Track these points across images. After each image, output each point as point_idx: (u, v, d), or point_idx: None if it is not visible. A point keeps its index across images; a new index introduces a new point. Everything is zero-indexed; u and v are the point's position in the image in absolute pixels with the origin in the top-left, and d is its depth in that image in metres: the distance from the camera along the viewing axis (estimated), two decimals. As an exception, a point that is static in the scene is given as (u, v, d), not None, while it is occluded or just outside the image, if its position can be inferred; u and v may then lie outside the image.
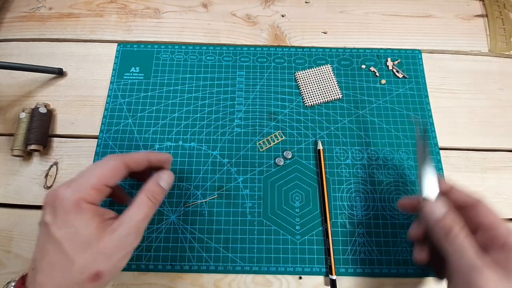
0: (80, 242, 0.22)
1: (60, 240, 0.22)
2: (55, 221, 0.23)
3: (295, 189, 0.35)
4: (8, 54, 0.41)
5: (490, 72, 0.41)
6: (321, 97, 0.39)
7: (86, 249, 0.22)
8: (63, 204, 0.23)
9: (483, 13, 0.45)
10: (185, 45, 0.42)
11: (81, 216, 0.23)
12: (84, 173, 0.25)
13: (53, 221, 0.23)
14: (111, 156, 0.27)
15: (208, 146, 0.37)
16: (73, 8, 0.44)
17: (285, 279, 0.33)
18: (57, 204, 0.23)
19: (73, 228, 0.23)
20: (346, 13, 0.45)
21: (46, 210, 0.24)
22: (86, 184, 0.24)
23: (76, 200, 0.23)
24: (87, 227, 0.23)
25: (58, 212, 0.23)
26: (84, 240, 0.22)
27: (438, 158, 0.37)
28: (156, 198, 0.27)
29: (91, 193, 0.24)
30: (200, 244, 0.33)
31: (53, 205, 0.23)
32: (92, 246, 0.23)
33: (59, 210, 0.23)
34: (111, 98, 0.39)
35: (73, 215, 0.23)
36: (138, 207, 0.25)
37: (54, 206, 0.23)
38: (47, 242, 0.23)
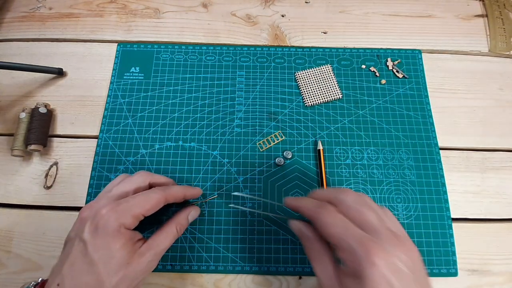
0: (113, 265, 0.23)
1: (97, 262, 0.23)
2: (94, 241, 0.23)
3: (295, 189, 0.35)
4: (8, 54, 0.41)
5: (490, 72, 0.41)
6: (321, 97, 0.39)
7: (118, 272, 0.23)
8: (107, 227, 0.24)
9: (483, 13, 0.45)
10: (185, 45, 0.42)
11: (119, 241, 0.24)
12: (130, 200, 0.26)
13: (92, 241, 0.23)
14: (155, 189, 0.27)
15: (208, 146, 0.37)
16: (73, 8, 0.44)
17: (285, 279, 0.33)
18: (100, 225, 0.24)
19: (109, 251, 0.23)
20: (346, 13, 0.45)
21: (85, 226, 0.24)
22: (130, 212, 0.25)
23: (118, 226, 0.24)
24: (122, 251, 0.24)
25: (99, 233, 0.23)
26: (117, 263, 0.23)
27: (438, 158, 0.37)
28: (182, 230, 0.29)
29: (130, 221, 0.25)
30: (200, 244, 0.33)
31: (96, 225, 0.24)
32: (122, 269, 0.23)
33: (101, 232, 0.23)
34: (111, 98, 0.39)
35: (112, 239, 0.24)
36: (166, 236, 0.27)
37: (96, 226, 0.24)
38: (82, 260, 0.23)
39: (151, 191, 0.27)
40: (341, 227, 0.21)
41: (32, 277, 0.32)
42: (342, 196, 0.23)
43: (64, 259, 0.23)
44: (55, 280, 0.23)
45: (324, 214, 0.22)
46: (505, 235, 0.34)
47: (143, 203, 0.26)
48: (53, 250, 0.33)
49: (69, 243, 0.24)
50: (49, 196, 0.35)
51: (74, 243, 0.24)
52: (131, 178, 0.28)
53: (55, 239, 0.34)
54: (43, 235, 0.34)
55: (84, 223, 0.24)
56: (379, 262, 0.19)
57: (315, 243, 0.24)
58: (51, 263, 0.33)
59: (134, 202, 0.25)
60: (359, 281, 0.19)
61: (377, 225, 0.21)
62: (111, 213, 0.24)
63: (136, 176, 0.28)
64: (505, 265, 0.33)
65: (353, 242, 0.20)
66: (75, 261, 0.23)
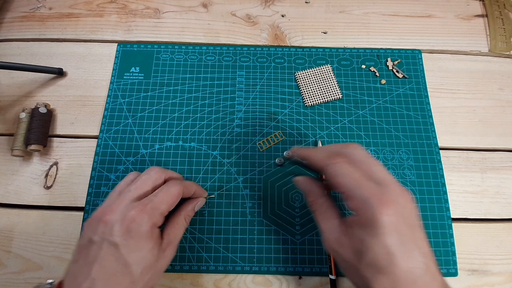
0: (146, 265, 0.24)
1: (131, 264, 0.23)
2: (127, 243, 0.23)
3: (295, 189, 0.35)
4: (8, 54, 0.41)
5: (490, 72, 0.41)
6: (321, 97, 0.39)
7: (149, 270, 0.24)
8: (140, 229, 0.24)
9: (483, 13, 0.45)
10: (185, 45, 0.42)
11: (151, 241, 0.24)
12: (154, 198, 0.26)
13: (125, 243, 0.23)
14: (173, 183, 0.28)
15: (208, 146, 0.37)
16: (73, 8, 0.44)
17: (285, 279, 0.33)
18: (133, 228, 0.24)
19: (143, 252, 0.24)
20: (346, 13, 0.45)
21: (112, 229, 0.24)
22: (158, 211, 0.25)
23: (151, 227, 0.24)
24: (153, 250, 0.24)
25: (133, 235, 0.23)
26: (149, 262, 0.24)
27: (438, 158, 0.37)
28: (189, 220, 0.30)
29: (160, 219, 0.26)
30: (200, 244, 0.33)
31: (127, 227, 0.23)
32: (153, 267, 0.24)
33: (135, 234, 0.24)
34: (111, 98, 0.39)
35: (145, 240, 0.24)
36: (179, 228, 0.28)
37: (128, 229, 0.23)
38: (114, 263, 0.23)
39: (170, 186, 0.27)
40: (353, 178, 0.22)
41: (32, 277, 0.32)
42: (351, 149, 0.24)
43: (91, 262, 0.23)
44: (82, 284, 0.22)
45: (336, 165, 0.23)
46: (505, 235, 0.34)
47: (167, 199, 0.26)
48: (53, 250, 0.33)
49: (93, 247, 0.23)
50: (49, 196, 0.35)
51: (103, 246, 0.23)
52: (148, 176, 0.28)
53: (55, 239, 0.34)
54: (43, 235, 0.34)
55: (111, 226, 0.24)
56: (389, 211, 0.20)
57: (321, 197, 0.26)
58: (51, 263, 0.33)
59: (159, 200, 0.26)
60: (369, 229, 0.20)
61: (384, 177, 0.22)
62: (143, 215, 0.24)
63: (152, 173, 0.28)
64: (505, 265, 0.33)
65: (366, 192, 0.21)
66: (106, 264, 0.23)
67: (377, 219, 0.20)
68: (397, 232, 0.20)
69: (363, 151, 0.24)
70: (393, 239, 0.20)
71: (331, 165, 0.23)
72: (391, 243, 0.20)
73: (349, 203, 0.22)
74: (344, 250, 0.22)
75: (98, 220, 0.24)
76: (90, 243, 0.24)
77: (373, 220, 0.20)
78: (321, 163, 0.25)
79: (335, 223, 0.24)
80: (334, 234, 0.23)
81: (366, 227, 0.21)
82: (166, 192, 0.26)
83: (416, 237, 0.21)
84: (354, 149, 0.24)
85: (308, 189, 0.27)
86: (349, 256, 0.22)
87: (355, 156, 0.24)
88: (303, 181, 0.28)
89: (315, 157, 0.25)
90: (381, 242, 0.20)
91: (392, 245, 0.20)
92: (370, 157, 0.24)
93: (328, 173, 0.24)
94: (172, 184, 0.27)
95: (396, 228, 0.20)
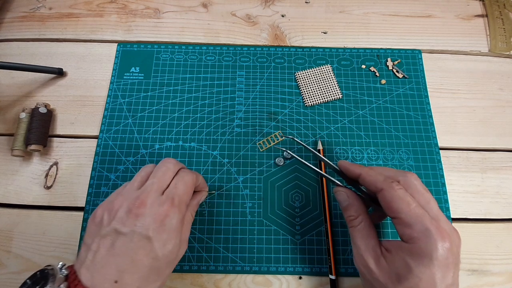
0: (171, 259, 0.25)
1: (162, 258, 0.23)
2: (160, 237, 0.23)
3: (295, 189, 0.35)
4: (8, 54, 0.41)
5: (490, 72, 0.41)
6: (321, 97, 0.39)
7: (172, 265, 0.25)
8: (172, 223, 0.24)
9: (483, 13, 0.45)
10: (185, 45, 0.42)
11: (179, 234, 0.25)
12: (175, 191, 0.26)
13: (158, 237, 0.23)
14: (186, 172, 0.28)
15: (208, 146, 0.37)
16: (73, 8, 0.44)
17: (285, 279, 0.33)
18: (167, 223, 0.24)
19: (171, 246, 0.24)
20: (346, 13, 0.45)
21: (146, 222, 0.23)
22: (184, 203, 0.26)
23: (181, 220, 0.25)
24: (178, 244, 0.25)
25: (165, 230, 0.24)
26: (174, 256, 0.25)
27: (438, 158, 0.37)
28: (194, 214, 0.30)
29: (185, 210, 0.27)
30: (200, 244, 0.33)
31: (161, 221, 0.24)
32: (175, 261, 0.25)
33: (168, 227, 0.24)
34: (111, 98, 0.39)
35: (175, 234, 0.24)
36: (187, 222, 0.27)
37: (163, 223, 0.24)
38: (145, 257, 0.23)
39: (185, 175, 0.27)
40: (412, 207, 0.23)
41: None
42: (409, 178, 0.25)
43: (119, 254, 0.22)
44: (109, 277, 0.22)
45: (394, 191, 0.24)
46: (505, 235, 0.34)
47: (187, 189, 0.27)
48: (53, 250, 0.33)
49: (121, 239, 0.23)
50: (49, 196, 0.35)
51: (134, 239, 0.23)
52: (166, 168, 0.27)
53: (55, 239, 0.34)
54: (43, 235, 0.34)
55: (144, 220, 0.23)
56: (445, 245, 0.21)
57: (362, 214, 0.26)
58: (51, 263, 0.33)
59: (181, 192, 0.26)
60: (421, 258, 0.21)
61: (438, 213, 0.23)
62: (174, 209, 0.24)
63: (171, 165, 0.28)
64: (504, 265, 0.33)
65: (426, 224, 0.22)
66: (136, 257, 0.22)
67: (433, 251, 0.21)
68: (445, 266, 0.21)
69: (421, 182, 0.25)
70: (440, 272, 0.21)
71: (388, 190, 0.24)
72: (438, 276, 0.21)
73: (404, 229, 0.23)
74: (379, 271, 0.23)
75: (128, 212, 0.24)
76: (115, 234, 0.23)
77: (429, 250, 0.21)
78: (376, 185, 0.25)
79: (372, 243, 0.25)
80: (371, 253, 0.24)
81: (418, 255, 0.22)
82: (184, 183, 0.27)
83: (456, 275, 0.22)
84: (412, 178, 0.25)
85: (349, 203, 0.27)
86: (385, 279, 0.23)
87: (412, 186, 0.24)
88: (346, 193, 0.28)
89: (369, 178, 0.26)
90: (429, 272, 0.21)
91: (438, 278, 0.21)
92: (427, 190, 0.24)
93: (384, 197, 0.24)
94: (186, 174, 0.28)
95: (445, 263, 0.21)
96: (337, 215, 0.34)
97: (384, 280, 0.23)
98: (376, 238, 0.25)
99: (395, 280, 0.22)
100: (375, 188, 0.25)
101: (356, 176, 0.27)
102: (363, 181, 0.26)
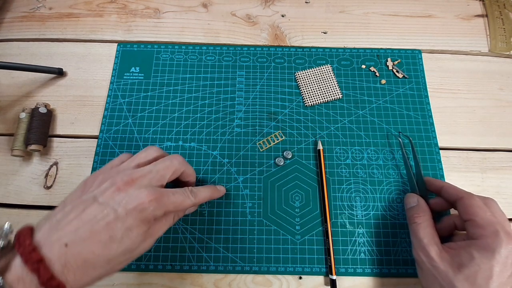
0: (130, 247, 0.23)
1: (119, 239, 0.23)
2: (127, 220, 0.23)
3: (295, 189, 0.35)
4: (8, 54, 0.41)
5: (490, 72, 0.41)
6: (321, 97, 0.39)
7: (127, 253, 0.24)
8: (142, 215, 0.24)
9: (483, 13, 0.45)
10: (185, 45, 0.42)
11: (142, 230, 0.24)
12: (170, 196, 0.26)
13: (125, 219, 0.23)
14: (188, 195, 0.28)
15: (208, 146, 0.37)
16: (73, 8, 0.44)
17: (285, 279, 0.33)
18: (139, 210, 0.23)
19: (132, 237, 0.23)
20: (346, 13, 0.45)
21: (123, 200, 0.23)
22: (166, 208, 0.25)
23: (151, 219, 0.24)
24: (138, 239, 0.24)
25: (135, 217, 0.23)
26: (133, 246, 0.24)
27: (438, 158, 0.37)
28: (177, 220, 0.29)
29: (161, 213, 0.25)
30: (200, 244, 0.33)
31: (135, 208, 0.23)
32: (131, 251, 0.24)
33: (137, 217, 0.23)
34: (111, 98, 0.39)
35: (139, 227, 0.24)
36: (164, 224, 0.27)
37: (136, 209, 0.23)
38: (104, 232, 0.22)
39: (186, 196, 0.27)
40: (488, 214, 0.27)
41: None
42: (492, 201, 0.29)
43: (84, 222, 0.22)
44: (62, 239, 0.21)
45: (476, 199, 0.28)
46: (505, 235, 0.34)
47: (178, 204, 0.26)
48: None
49: (95, 207, 0.23)
50: (49, 196, 0.35)
51: (105, 211, 0.23)
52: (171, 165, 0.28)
53: (55, 239, 0.34)
54: (43, 235, 0.34)
55: (124, 197, 0.23)
56: (509, 246, 0.25)
57: (428, 216, 0.30)
58: None
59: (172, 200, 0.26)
60: (486, 252, 0.25)
61: (510, 229, 0.26)
62: (153, 204, 0.24)
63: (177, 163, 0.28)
64: (505, 265, 0.33)
65: (497, 227, 0.25)
66: (97, 228, 0.22)
67: (497, 247, 0.25)
68: (504, 264, 0.24)
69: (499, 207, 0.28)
70: (499, 268, 0.24)
71: (469, 198, 0.28)
72: (496, 270, 0.24)
73: (476, 229, 0.26)
74: (441, 260, 0.26)
75: (112, 185, 0.24)
76: (91, 201, 0.23)
77: (494, 246, 0.25)
78: (458, 194, 0.29)
79: (435, 238, 0.28)
80: (433, 246, 0.27)
81: (483, 248, 0.25)
82: (180, 199, 0.27)
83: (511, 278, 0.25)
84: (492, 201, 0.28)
85: (418, 204, 0.31)
86: (445, 267, 0.26)
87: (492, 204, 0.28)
88: (417, 197, 0.32)
89: (453, 189, 0.30)
90: (489, 264, 0.24)
91: (495, 272, 0.24)
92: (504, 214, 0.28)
93: (464, 203, 0.28)
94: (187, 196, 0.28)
95: (506, 261, 0.24)
96: (337, 215, 0.34)
97: (444, 268, 0.26)
98: (437, 237, 0.28)
99: (455, 268, 0.25)
100: (456, 197, 0.29)
101: (439, 188, 0.31)
102: (446, 190, 0.30)
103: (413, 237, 0.30)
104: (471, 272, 0.24)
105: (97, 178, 0.25)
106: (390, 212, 0.35)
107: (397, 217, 0.34)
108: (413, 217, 0.30)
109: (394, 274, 0.32)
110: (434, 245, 0.27)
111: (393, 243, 0.33)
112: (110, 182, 0.24)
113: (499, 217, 0.27)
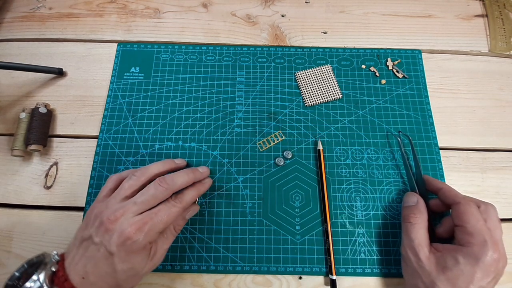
0: (131, 274, 0.26)
1: (119, 271, 0.26)
2: (120, 255, 0.25)
3: (295, 189, 0.35)
4: (8, 54, 0.41)
5: (490, 72, 0.41)
6: (321, 97, 0.39)
7: (134, 277, 0.27)
8: (133, 247, 0.26)
9: (483, 13, 0.45)
10: (185, 45, 0.42)
11: (140, 255, 0.26)
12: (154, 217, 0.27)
13: (118, 254, 0.25)
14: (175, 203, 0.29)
15: (208, 146, 0.37)
16: (73, 8, 0.44)
17: (285, 279, 0.33)
18: (128, 244, 0.25)
19: (132, 264, 0.26)
20: (346, 13, 0.45)
21: (111, 237, 0.25)
22: (155, 230, 0.27)
23: (144, 245, 0.26)
24: (141, 262, 0.27)
25: (126, 250, 0.25)
26: (136, 272, 0.27)
27: (438, 158, 0.37)
28: (180, 229, 0.31)
29: (156, 237, 0.27)
30: (200, 244, 0.33)
31: (123, 241, 0.25)
32: (138, 274, 0.27)
33: (128, 249, 0.25)
34: (111, 98, 0.39)
35: (136, 255, 0.26)
36: (167, 238, 0.30)
37: (124, 243, 0.25)
38: (106, 266, 0.25)
39: (171, 206, 0.28)
40: (481, 223, 0.27)
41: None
42: (491, 207, 0.29)
43: (88, 258, 0.26)
44: (79, 273, 0.25)
45: (471, 207, 0.28)
46: (505, 235, 0.34)
47: (166, 218, 0.27)
48: (53, 250, 0.33)
49: (93, 246, 0.26)
50: (49, 196, 0.35)
51: (100, 250, 0.26)
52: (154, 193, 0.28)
53: (55, 239, 0.34)
54: (43, 235, 0.34)
55: (111, 235, 0.25)
56: (495, 256, 0.26)
57: (424, 217, 0.30)
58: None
59: (158, 220, 0.27)
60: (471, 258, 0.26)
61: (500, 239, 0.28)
62: (139, 234, 0.26)
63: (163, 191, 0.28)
64: (505, 265, 0.33)
65: (486, 237, 0.26)
66: (99, 264, 0.25)
67: (482, 255, 0.26)
68: (487, 272, 0.25)
69: (497, 214, 0.29)
70: (480, 274, 0.25)
71: (465, 204, 0.28)
72: (478, 275, 0.25)
73: (465, 236, 0.27)
74: (427, 261, 0.27)
75: (101, 224, 0.26)
76: (90, 241, 0.26)
77: (479, 254, 0.26)
78: (455, 199, 0.29)
79: (426, 240, 0.29)
80: (423, 247, 0.28)
81: (469, 255, 0.26)
82: (166, 212, 0.28)
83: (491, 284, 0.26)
84: (491, 207, 0.29)
85: (416, 204, 0.31)
86: (431, 267, 0.27)
87: (489, 212, 0.28)
88: (416, 197, 0.32)
89: (451, 192, 0.30)
90: (472, 270, 0.25)
91: (477, 277, 0.25)
92: (500, 222, 0.28)
93: (459, 208, 0.28)
94: (174, 205, 0.29)
95: (488, 269, 0.25)
96: (337, 215, 0.34)
97: (429, 268, 0.27)
98: (428, 238, 0.29)
99: (440, 270, 0.27)
100: (453, 201, 0.29)
101: (437, 189, 0.32)
102: (443, 193, 0.31)
103: (404, 235, 0.30)
104: (454, 275, 0.26)
105: (93, 212, 0.28)
106: (390, 212, 0.35)
107: (397, 217, 0.34)
108: (409, 216, 0.31)
109: (394, 274, 0.33)
110: (424, 247, 0.28)
111: (393, 243, 0.33)
112: (99, 220, 0.26)
113: (492, 225, 0.27)
